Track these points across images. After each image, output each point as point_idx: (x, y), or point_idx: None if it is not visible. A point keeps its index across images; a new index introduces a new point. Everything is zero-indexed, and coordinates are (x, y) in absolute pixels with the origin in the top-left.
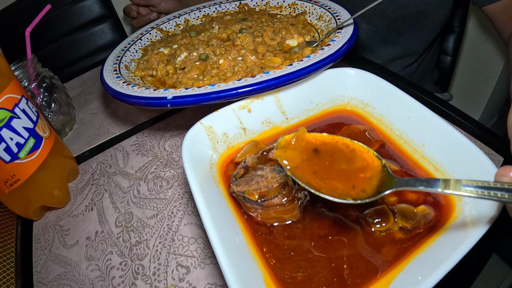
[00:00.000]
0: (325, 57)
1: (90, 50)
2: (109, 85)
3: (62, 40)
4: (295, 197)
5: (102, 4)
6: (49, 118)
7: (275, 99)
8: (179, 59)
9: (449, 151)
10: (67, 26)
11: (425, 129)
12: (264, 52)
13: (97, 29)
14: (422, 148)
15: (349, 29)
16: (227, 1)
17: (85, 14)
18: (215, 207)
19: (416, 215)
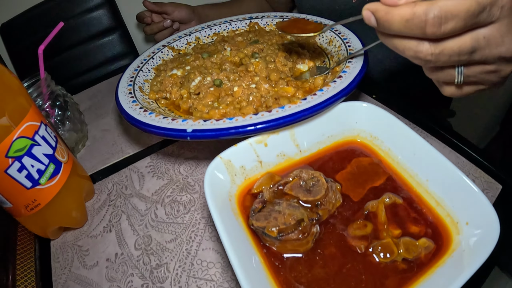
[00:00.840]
0: (338, 91)
1: (99, 61)
2: (127, 112)
3: (70, 51)
4: (310, 231)
5: (111, 15)
6: (63, 136)
7: (289, 133)
8: (194, 84)
9: (450, 188)
10: (76, 37)
11: (429, 165)
12: (277, 79)
13: (106, 40)
14: (425, 183)
15: (360, 60)
16: (237, 19)
17: (94, 25)
18: (235, 238)
19: (417, 248)
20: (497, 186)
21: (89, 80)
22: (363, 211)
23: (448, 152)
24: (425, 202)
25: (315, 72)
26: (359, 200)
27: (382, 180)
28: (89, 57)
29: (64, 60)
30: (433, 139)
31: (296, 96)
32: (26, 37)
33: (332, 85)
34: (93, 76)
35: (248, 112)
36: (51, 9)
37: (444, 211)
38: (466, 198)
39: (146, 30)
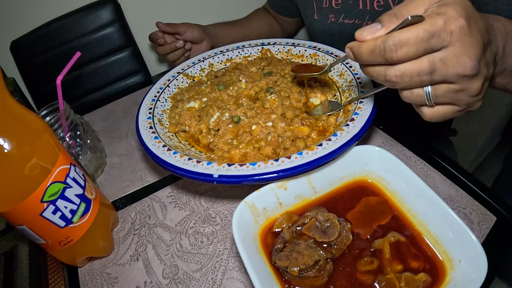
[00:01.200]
0: (351, 137)
1: (110, 79)
2: (152, 151)
3: (82, 68)
4: (325, 268)
5: (122, 33)
6: (83, 164)
7: (307, 178)
8: (212, 120)
9: (446, 228)
10: (87, 55)
11: (430, 208)
12: (292, 117)
13: (117, 58)
14: (426, 223)
15: (370, 101)
16: (249, 45)
17: (105, 43)
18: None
19: (416, 282)
20: (492, 217)
21: (100, 98)
22: (370, 248)
23: (449, 185)
24: (425, 240)
25: (327, 106)
26: (367, 238)
27: (388, 218)
28: (100, 74)
29: (75, 78)
30: (435, 172)
31: (311, 137)
32: (37, 55)
33: (345, 130)
34: (104, 93)
35: (267, 153)
36: (62, 27)
37: (441, 249)
38: (460, 238)
39: (159, 51)
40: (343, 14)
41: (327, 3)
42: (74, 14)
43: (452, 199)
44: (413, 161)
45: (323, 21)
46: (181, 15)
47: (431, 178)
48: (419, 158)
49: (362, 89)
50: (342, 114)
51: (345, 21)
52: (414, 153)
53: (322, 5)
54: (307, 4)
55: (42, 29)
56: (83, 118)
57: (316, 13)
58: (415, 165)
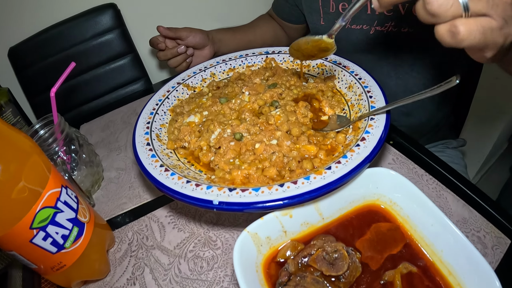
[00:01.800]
0: (362, 160)
1: (110, 87)
2: (148, 171)
3: (80, 76)
4: None
5: (122, 40)
6: (79, 180)
7: (314, 206)
8: (213, 137)
9: (462, 259)
10: (86, 62)
11: (445, 237)
12: (299, 135)
13: (117, 65)
14: (440, 253)
15: (382, 119)
16: (253, 54)
17: (105, 50)
18: None
19: None
20: (506, 241)
21: (100, 106)
22: (380, 280)
23: (462, 206)
24: (439, 270)
25: (335, 121)
26: (377, 269)
27: (400, 247)
28: (99, 82)
29: (74, 86)
30: (448, 191)
31: (318, 157)
32: (35, 61)
33: (356, 151)
34: (104, 102)
35: (271, 175)
36: (61, 33)
37: (455, 281)
38: (476, 270)
39: (160, 56)
40: (350, 19)
41: (333, 7)
42: (73, 20)
43: (465, 222)
44: (425, 180)
45: (329, 27)
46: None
47: (443, 198)
48: (431, 176)
49: (373, 104)
50: (351, 131)
51: (352, 27)
52: (426, 170)
53: (329, 10)
54: (313, 9)
55: (41, 35)
56: (79, 131)
57: (323, 18)
58: (427, 184)
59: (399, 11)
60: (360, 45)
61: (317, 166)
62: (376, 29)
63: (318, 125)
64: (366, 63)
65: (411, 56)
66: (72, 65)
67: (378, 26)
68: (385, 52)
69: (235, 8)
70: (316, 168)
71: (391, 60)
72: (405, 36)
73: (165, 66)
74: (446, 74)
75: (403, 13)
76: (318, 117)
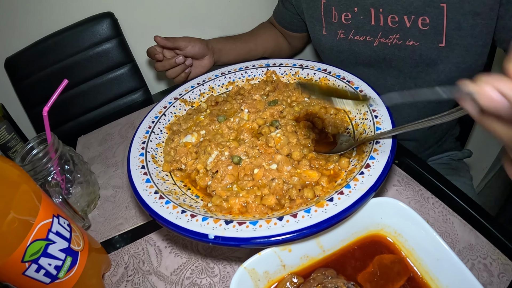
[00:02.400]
0: (367, 190)
1: (108, 97)
2: (143, 198)
3: (78, 87)
4: None
5: (120, 50)
6: (74, 200)
7: (315, 240)
8: (210, 160)
9: None
10: (83, 72)
11: (451, 273)
12: (300, 158)
13: (115, 75)
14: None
15: (388, 143)
16: (253, 67)
17: (102, 60)
18: None
19: None
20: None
21: (98, 117)
22: None
23: (469, 231)
24: None
25: (338, 142)
26: None
27: (403, 280)
28: (97, 93)
29: (72, 97)
30: (455, 215)
31: (320, 184)
32: (32, 72)
33: (360, 179)
34: (102, 112)
35: (270, 203)
36: (58, 43)
37: None
38: None
39: (157, 67)
40: (353, 30)
41: (336, 17)
42: (70, 29)
43: (472, 248)
44: (431, 203)
45: (331, 37)
46: (182, 29)
47: (450, 223)
48: (437, 199)
49: (379, 126)
50: (355, 154)
51: (355, 38)
52: (432, 193)
53: (331, 20)
54: (315, 18)
55: (38, 45)
56: (74, 150)
57: (325, 28)
58: (433, 208)
59: (405, 23)
60: (363, 57)
61: (319, 195)
62: (380, 41)
63: (320, 146)
64: (368, 76)
65: (416, 70)
66: (65, 82)
67: (382, 38)
68: (388, 65)
69: (236, 16)
70: (317, 197)
71: (394, 74)
72: (410, 49)
73: (165, 77)
74: None
75: (409, 26)
76: (320, 137)
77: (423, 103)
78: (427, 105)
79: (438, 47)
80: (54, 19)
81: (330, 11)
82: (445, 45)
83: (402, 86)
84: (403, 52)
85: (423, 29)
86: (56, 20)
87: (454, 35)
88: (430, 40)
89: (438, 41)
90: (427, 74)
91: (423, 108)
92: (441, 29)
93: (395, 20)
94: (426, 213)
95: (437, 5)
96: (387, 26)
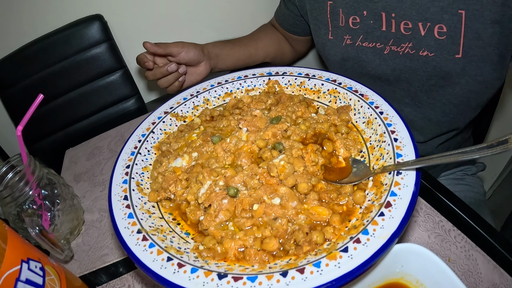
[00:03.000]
0: (389, 238)
1: (98, 106)
2: (123, 238)
3: (66, 95)
4: None
5: (110, 55)
6: (55, 229)
7: None
8: (202, 192)
9: None
10: (72, 80)
11: None
12: (307, 192)
13: (105, 82)
14: None
15: (412, 175)
16: (253, 76)
17: (92, 66)
18: None
19: None
20: None
21: (88, 127)
22: None
23: (493, 269)
24: None
25: (351, 167)
26: None
27: None
28: (87, 101)
29: (60, 105)
30: (478, 251)
31: (331, 224)
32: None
33: (379, 223)
34: (92, 122)
35: (272, 249)
36: (44, 49)
37: None
38: None
39: (148, 76)
40: (361, 35)
41: (343, 21)
42: (56, 34)
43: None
44: (453, 236)
45: (337, 43)
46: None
47: (473, 260)
48: (459, 232)
49: (399, 151)
50: (371, 184)
51: (363, 44)
52: (454, 224)
53: (338, 24)
54: (319, 21)
55: (23, 51)
56: (53, 171)
57: (331, 32)
58: (455, 242)
59: (419, 30)
60: (370, 67)
61: (330, 239)
62: (391, 49)
63: (330, 172)
64: (375, 87)
65: (428, 84)
66: (40, 97)
67: (393, 46)
68: (397, 78)
69: (235, 16)
70: (328, 242)
71: (404, 86)
72: (423, 60)
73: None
74: (470, 103)
75: (423, 34)
76: (330, 161)
77: (437, 116)
78: (441, 119)
79: (454, 58)
80: (38, 24)
81: (337, 13)
82: (462, 56)
83: (413, 100)
84: (415, 63)
85: (439, 38)
86: (41, 25)
87: (472, 45)
88: (446, 50)
89: (455, 52)
90: (441, 87)
91: (437, 122)
92: (458, 38)
93: (409, 27)
94: (447, 249)
95: (455, 12)
96: (399, 33)
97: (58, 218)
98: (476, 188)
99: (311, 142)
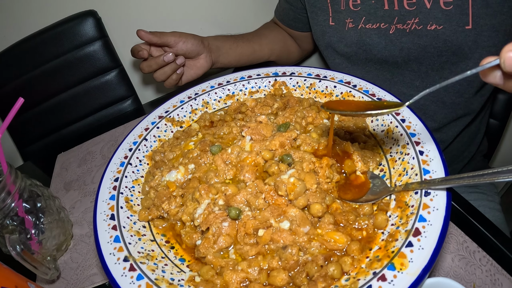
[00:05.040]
0: (420, 273)
1: (92, 108)
2: (107, 265)
3: (59, 96)
4: None
5: (105, 53)
6: (41, 245)
7: None
8: (199, 212)
9: None
10: (63, 80)
11: None
12: (321, 214)
13: (100, 82)
14: None
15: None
16: (257, 76)
17: (85, 65)
18: None
19: None
20: None
21: (81, 130)
22: None
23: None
24: None
25: (369, 183)
26: None
27: None
28: (81, 102)
29: (52, 107)
30: (503, 274)
31: (350, 255)
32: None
33: (408, 255)
34: (86, 124)
35: (280, 284)
36: (35, 47)
37: None
38: None
39: (143, 67)
40: (364, 17)
41: (344, 4)
42: (48, 31)
43: None
44: (477, 258)
45: (338, 28)
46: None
47: (498, 285)
48: (485, 254)
49: (426, 167)
50: (394, 204)
51: (366, 26)
52: (479, 245)
53: (340, 8)
54: (318, 8)
55: (13, 50)
56: (38, 182)
57: (332, 18)
58: (480, 266)
59: (424, 4)
60: (376, 49)
61: (349, 273)
62: (396, 27)
63: (346, 189)
64: (383, 72)
65: (440, 60)
66: (20, 101)
67: (399, 24)
68: (406, 56)
69: (238, 13)
70: (347, 277)
71: (414, 67)
72: (432, 35)
73: (157, 82)
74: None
75: (429, 7)
76: (346, 177)
77: (451, 99)
78: (455, 100)
79: (464, 30)
80: (29, 21)
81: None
82: (472, 27)
83: (424, 81)
84: (424, 40)
85: (446, 9)
86: (31, 22)
87: (481, 13)
88: (455, 21)
89: (464, 23)
90: (453, 64)
91: (451, 104)
92: (466, 7)
93: (412, 1)
94: (472, 273)
95: None
96: (403, 10)
97: (42, 234)
98: (491, 196)
99: (324, 154)
